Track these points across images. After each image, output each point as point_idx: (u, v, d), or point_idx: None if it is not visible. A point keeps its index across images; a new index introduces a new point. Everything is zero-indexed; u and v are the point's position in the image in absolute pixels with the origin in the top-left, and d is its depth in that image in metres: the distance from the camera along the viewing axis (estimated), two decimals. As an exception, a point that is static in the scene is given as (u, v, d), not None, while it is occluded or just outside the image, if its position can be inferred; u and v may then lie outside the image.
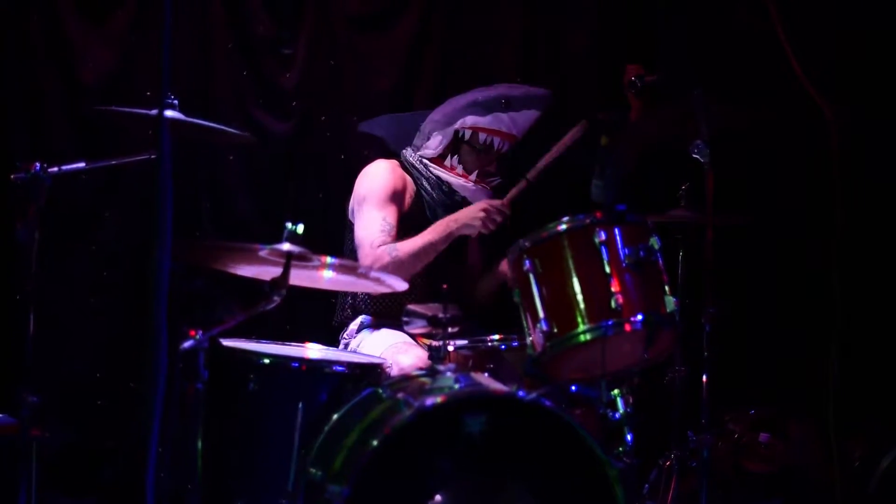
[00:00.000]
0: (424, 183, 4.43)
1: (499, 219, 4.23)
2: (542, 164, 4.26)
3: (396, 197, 4.36)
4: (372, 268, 4.01)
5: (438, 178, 4.42)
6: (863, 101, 4.62)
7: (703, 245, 3.89)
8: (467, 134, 4.41)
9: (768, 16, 4.07)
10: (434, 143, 4.44)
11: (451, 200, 4.42)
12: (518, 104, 4.38)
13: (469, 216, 4.24)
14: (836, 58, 4.66)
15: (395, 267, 4.13)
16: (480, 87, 4.48)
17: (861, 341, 4.54)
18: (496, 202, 4.24)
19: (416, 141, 4.50)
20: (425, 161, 4.44)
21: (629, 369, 3.55)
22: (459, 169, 4.42)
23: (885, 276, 4.81)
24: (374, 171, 4.42)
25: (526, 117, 4.41)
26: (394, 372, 3.87)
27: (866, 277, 4.67)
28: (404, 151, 4.51)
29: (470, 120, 4.39)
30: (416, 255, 4.22)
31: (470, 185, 4.41)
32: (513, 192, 4.27)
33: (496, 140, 4.40)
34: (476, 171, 4.42)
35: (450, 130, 4.42)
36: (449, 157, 4.43)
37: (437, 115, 4.47)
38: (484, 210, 4.22)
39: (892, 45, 4.71)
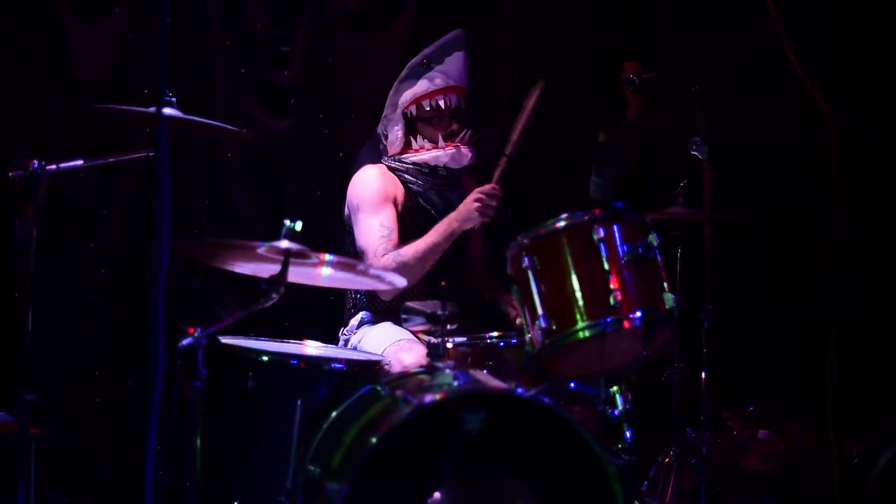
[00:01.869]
0: (407, 176, 4.46)
1: (493, 203, 4.23)
2: (514, 136, 4.26)
3: (389, 198, 4.39)
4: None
5: (415, 163, 4.45)
6: (862, 100, 4.61)
7: (702, 242, 3.89)
8: (413, 109, 4.44)
9: (768, 14, 4.07)
10: (393, 137, 4.47)
11: (437, 177, 4.45)
12: (438, 56, 4.41)
13: (466, 210, 4.24)
14: (836, 56, 4.65)
15: (402, 272, 4.13)
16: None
17: (860, 339, 4.54)
18: (485, 187, 4.24)
19: (381, 144, 4.53)
20: (397, 157, 4.47)
21: (628, 366, 3.54)
22: (427, 144, 4.45)
23: (884, 274, 4.80)
24: (363, 178, 4.45)
25: (454, 63, 4.44)
26: (395, 369, 3.88)
27: (865, 275, 4.67)
28: (383, 159, 4.53)
29: (407, 95, 4.44)
30: (421, 257, 4.24)
31: (442, 151, 4.43)
32: (497, 172, 4.27)
33: (440, 99, 4.42)
34: (441, 137, 4.44)
35: (398, 116, 4.46)
36: (412, 140, 4.46)
37: (385, 110, 4.52)
38: (477, 200, 4.22)
39: (893, 44, 4.71)
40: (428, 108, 4.43)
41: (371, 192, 4.39)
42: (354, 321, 4.42)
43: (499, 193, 4.23)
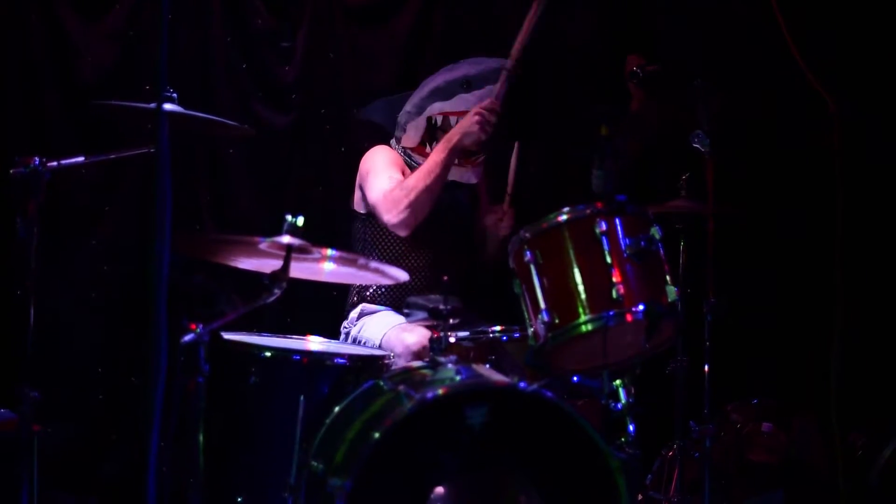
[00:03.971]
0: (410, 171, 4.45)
1: (493, 119, 4.26)
2: (514, 52, 4.31)
3: (399, 166, 4.42)
4: (395, 215, 4.18)
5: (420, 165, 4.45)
6: (866, 94, 4.60)
7: (704, 235, 3.89)
8: (438, 120, 4.46)
9: (770, 6, 4.06)
10: (411, 134, 4.49)
11: None
12: (479, 81, 4.43)
13: (466, 125, 4.27)
14: (840, 50, 4.64)
15: (409, 195, 4.20)
16: (445, 68, 4.54)
17: (863, 331, 4.53)
18: (485, 103, 4.28)
19: (397, 132, 4.55)
20: (408, 151, 4.49)
21: (631, 360, 3.54)
22: None
23: (887, 265, 4.80)
24: (375, 151, 4.50)
25: (490, 92, 4.43)
26: (398, 351, 3.88)
27: (868, 267, 4.66)
28: (391, 142, 4.55)
29: (437, 106, 4.45)
30: (426, 175, 4.24)
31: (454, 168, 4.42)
32: (498, 88, 4.32)
33: None
34: None
35: (422, 120, 4.47)
36: (427, 145, 4.46)
37: (409, 105, 4.52)
38: (478, 114, 4.25)
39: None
40: (453, 125, 4.39)
41: (383, 158, 4.44)
42: (354, 313, 4.42)
43: (498, 109, 4.27)
